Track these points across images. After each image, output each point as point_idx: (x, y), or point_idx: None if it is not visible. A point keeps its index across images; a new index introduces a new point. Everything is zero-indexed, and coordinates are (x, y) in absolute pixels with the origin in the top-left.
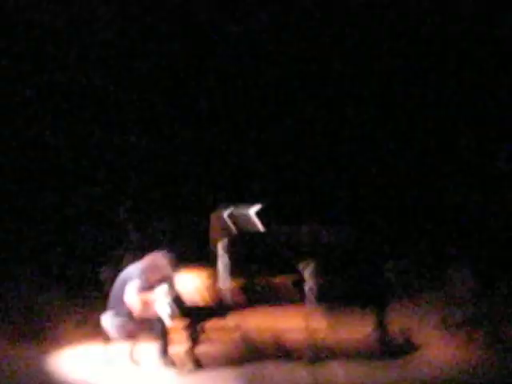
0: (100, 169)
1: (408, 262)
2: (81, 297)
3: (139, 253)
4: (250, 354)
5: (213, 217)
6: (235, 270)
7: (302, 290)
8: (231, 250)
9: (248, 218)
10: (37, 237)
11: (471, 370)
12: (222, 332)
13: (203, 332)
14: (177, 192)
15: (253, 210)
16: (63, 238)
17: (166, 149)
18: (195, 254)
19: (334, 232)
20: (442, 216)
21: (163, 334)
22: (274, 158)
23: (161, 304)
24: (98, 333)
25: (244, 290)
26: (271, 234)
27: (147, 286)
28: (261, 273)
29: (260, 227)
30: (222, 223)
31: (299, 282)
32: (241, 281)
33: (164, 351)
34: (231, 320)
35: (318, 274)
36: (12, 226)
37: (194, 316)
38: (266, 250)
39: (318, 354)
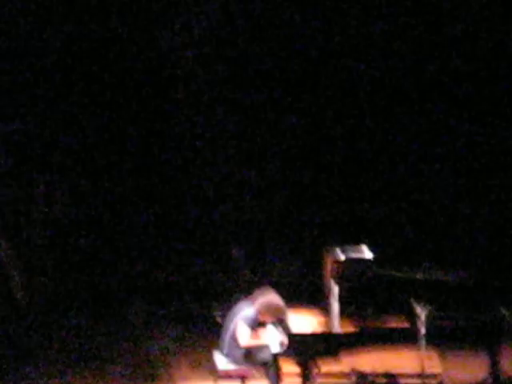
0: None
1: None
2: (194, 337)
3: (251, 292)
4: None
5: (325, 256)
6: (349, 313)
7: (417, 333)
8: (345, 293)
9: (363, 261)
10: (152, 278)
11: None
12: (338, 376)
13: (318, 376)
14: (290, 234)
15: (366, 251)
16: (178, 279)
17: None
18: (307, 295)
19: (450, 275)
20: None
21: (277, 378)
22: (389, 204)
23: (273, 343)
24: (212, 373)
25: (359, 332)
26: (387, 277)
27: (260, 324)
28: (376, 315)
29: (375, 269)
30: (335, 266)
31: (415, 325)
32: (355, 324)
33: None
34: (346, 364)
35: (434, 317)
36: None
37: (308, 360)
38: (380, 294)
39: None
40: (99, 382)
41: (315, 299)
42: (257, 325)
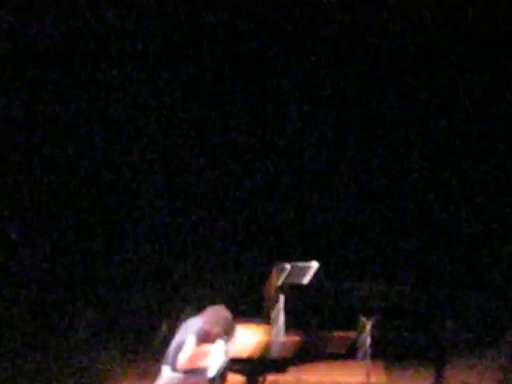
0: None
1: (468, 319)
2: (141, 351)
3: (198, 306)
4: None
5: (273, 272)
6: (293, 325)
7: (362, 345)
8: (290, 306)
9: (306, 275)
10: (97, 290)
11: None
12: None
13: None
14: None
15: (312, 267)
16: (123, 292)
17: (224, 209)
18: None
19: (394, 289)
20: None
21: None
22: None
23: (213, 366)
24: None
25: (303, 344)
26: (331, 290)
27: (208, 339)
28: (320, 328)
29: (319, 283)
30: (280, 279)
31: (360, 337)
32: (299, 336)
33: None
34: (291, 375)
35: (378, 329)
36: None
37: (252, 372)
38: (325, 306)
39: None
40: None
41: (261, 312)
42: (204, 337)
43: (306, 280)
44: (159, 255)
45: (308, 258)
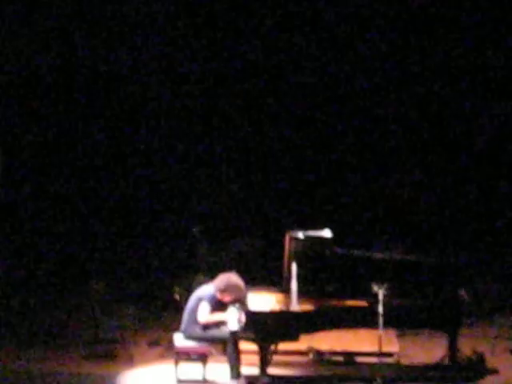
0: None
1: (481, 286)
2: (154, 317)
3: (211, 273)
4: (322, 376)
5: (287, 238)
6: (307, 293)
7: (374, 314)
8: (303, 274)
9: (321, 241)
10: (110, 257)
11: None
12: (294, 354)
13: (276, 354)
14: (251, 215)
15: (326, 234)
16: (138, 259)
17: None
18: (267, 276)
19: (408, 258)
20: None
21: (236, 356)
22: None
23: (231, 321)
24: (171, 353)
25: (317, 312)
26: (345, 257)
27: (220, 305)
28: (334, 296)
29: (332, 251)
30: (294, 246)
31: (372, 306)
32: (313, 304)
33: (236, 373)
34: (303, 344)
35: (391, 297)
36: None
37: (266, 339)
38: (339, 273)
39: (390, 377)
40: (58, 360)
41: (275, 280)
42: (216, 303)
43: (319, 248)
44: (172, 222)
45: (321, 227)
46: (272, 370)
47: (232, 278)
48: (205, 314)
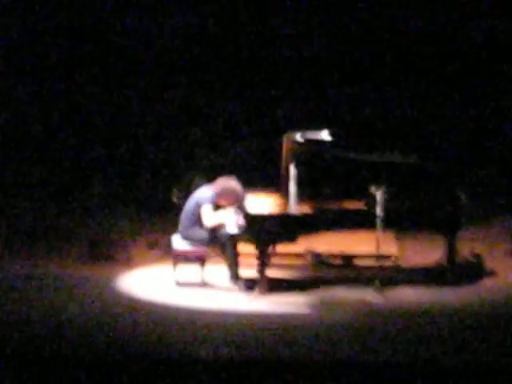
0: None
1: (481, 187)
2: (153, 219)
3: (210, 175)
4: (320, 278)
5: (285, 140)
6: (306, 195)
7: (373, 215)
8: (302, 175)
9: (320, 144)
10: (107, 159)
11: None
12: (292, 257)
13: (274, 257)
14: (250, 117)
15: (325, 134)
16: (134, 160)
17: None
18: (266, 178)
19: (407, 157)
20: None
21: (234, 258)
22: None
23: (231, 224)
24: (169, 255)
25: (315, 214)
26: (343, 159)
27: (218, 208)
28: (332, 197)
29: (330, 152)
30: (293, 148)
31: (370, 207)
32: (312, 205)
33: (234, 274)
34: (302, 245)
35: (389, 198)
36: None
37: (264, 241)
38: (337, 175)
39: (388, 278)
40: (56, 262)
41: (274, 183)
42: (215, 208)
43: (317, 149)
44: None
45: (319, 127)
46: (270, 273)
47: (231, 182)
48: (210, 217)
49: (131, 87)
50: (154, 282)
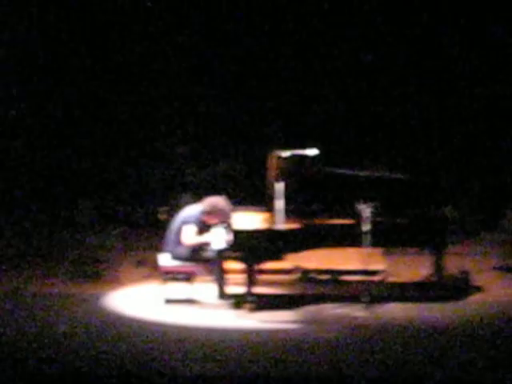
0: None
1: (467, 203)
2: (140, 237)
3: (197, 194)
4: (308, 295)
5: (270, 159)
6: (293, 212)
7: (360, 232)
8: (289, 192)
9: (305, 161)
10: (95, 176)
11: None
12: (280, 273)
13: (262, 274)
14: (236, 135)
15: (310, 153)
16: (122, 178)
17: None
18: (251, 197)
19: (394, 176)
20: (499, 158)
21: (221, 275)
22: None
23: (218, 242)
24: (157, 273)
25: (303, 230)
26: (330, 177)
27: (205, 227)
28: (319, 214)
29: (317, 170)
30: (279, 165)
31: (357, 224)
32: (299, 222)
33: (222, 292)
34: (290, 261)
35: (377, 215)
36: (70, 165)
37: (252, 258)
38: (324, 192)
39: (376, 295)
40: (43, 280)
41: (260, 199)
42: (202, 225)
43: (305, 168)
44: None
45: (307, 146)
46: (258, 289)
47: (219, 201)
48: (190, 236)
49: (117, 101)
50: (141, 300)
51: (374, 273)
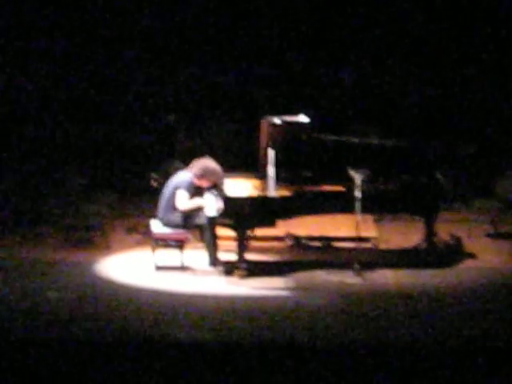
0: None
1: (459, 169)
2: (131, 204)
3: (188, 159)
4: (300, 261)
5: (262, 125)
6: (284, 179)
7: (352, 199)
8: (281, 158)
9: (298, 126)
10: (87, 144)
11: None
12: (272, 240)
13: (254, 240)
14: (227, 101)
15: (303, 117)
16: (113, 145)
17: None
18: (244, 162)
19: (385, 142)
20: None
21: (213, 242)
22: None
23: (210, 207)
24: (148, 239)
25: (294, 197)
26: (322, 142)
27: (197, 192)
28: (311, 181)
29: (309, 136)
30: (271, 129)
31: (349, 191)
32: (290, 189)
33: (214, 258)
34: (281, 228)
35: (368, 181)
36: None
37: (244, 225)
38: (316, 159)
39: (368, 261)
40: (35, 247)
41: (252, 166)
42: (193, 190)
43: (295, 133)
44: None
45: (298, 112)
46: (249, 256)
47: (208, 163)
48: (184, 202)
49: (109, 71)
50: (132, 267)
51: (365, 239)
